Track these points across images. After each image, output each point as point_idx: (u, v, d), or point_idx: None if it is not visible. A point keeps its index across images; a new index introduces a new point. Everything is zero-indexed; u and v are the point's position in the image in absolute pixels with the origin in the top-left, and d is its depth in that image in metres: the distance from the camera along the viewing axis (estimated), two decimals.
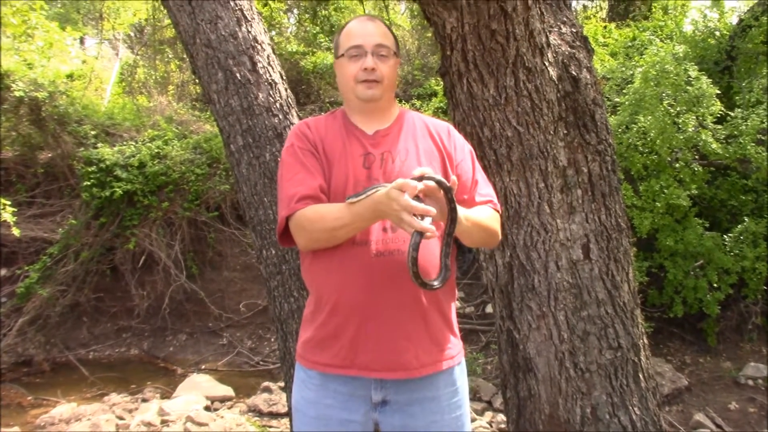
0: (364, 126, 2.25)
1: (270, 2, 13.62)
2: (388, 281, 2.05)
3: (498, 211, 2.25)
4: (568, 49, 3.09)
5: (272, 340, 8.85)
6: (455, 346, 2.23)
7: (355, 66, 2.18)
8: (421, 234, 1.80)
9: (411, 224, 1.77)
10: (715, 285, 6.28)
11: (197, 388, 7.19)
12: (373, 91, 2.18)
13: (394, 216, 1.81)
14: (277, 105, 4.15)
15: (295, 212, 2.07)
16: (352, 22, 2.28)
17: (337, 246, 2.08)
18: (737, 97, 6.74)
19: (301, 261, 2.31)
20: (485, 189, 2.27)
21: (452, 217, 1.91)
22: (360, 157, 2.17)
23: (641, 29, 9.97)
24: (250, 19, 4.21)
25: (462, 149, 2.30)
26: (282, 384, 6.39)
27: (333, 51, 2.34)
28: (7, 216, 7.31)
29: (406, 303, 2.08)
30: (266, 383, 7.30)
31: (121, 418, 6.43)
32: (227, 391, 7.26)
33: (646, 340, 3.34)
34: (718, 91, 6.23)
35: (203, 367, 8.59)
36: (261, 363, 8.61)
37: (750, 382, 6.24)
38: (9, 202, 7.55)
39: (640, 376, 3.18)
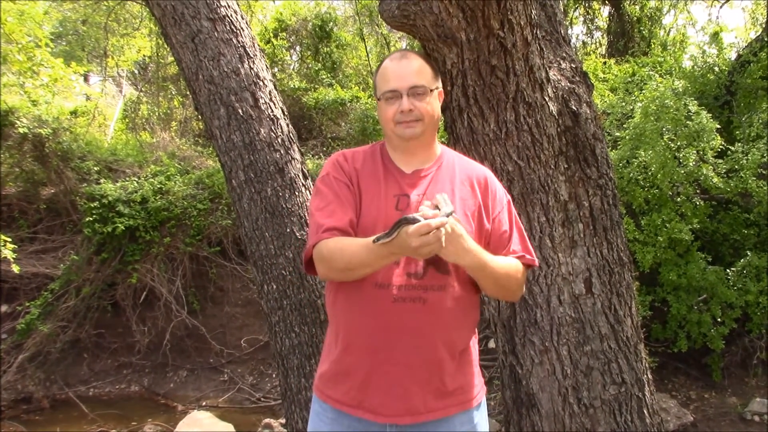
0: (403, 164, 2.21)
1: (273, 40, 13.77)
2: (404, 328, 2.04)
3: (533, 264, 2.24)
4: (568, 84, 3.11)
5: (274, 376, 8.78)
6: (473, 388, 2.20)
7: (392, 108, 2.14)
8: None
9: (431, 246, 1.78)
10: (719, 319, 6.23)
11: (198, 425, 7.12)
12: (413, 130, 2.14)
13: (413, 253, 1.82)
14: (279, 140, 4.18)
15: (320, 241, 2.06)
16: (387, 62, 2.22)
17: (359, 286, 2.05)
18: (737, 132, 6.76)
19: (326, 292, 2.30)
20: (518, 244, 2.23)
21: None
22: (394, 198, 2.13)
23: (640, 65, 10.05)
24: (252, 56, 4.26)
25: (500, 201, 2.25)
26: (283, 421, 6.32)
27: (373, 90, 2.33)
28: (8, 253, 7.30)
29: (420, 349, 2.05)
30: (267, 420, 7.22)
31: None
32: (228, 428, 7.17)
33: (650, 375, 3.31)
34: (718, 126, 6.24)
35: (204, 403, 8.51)
36: (262, 399, 8.53)
37: (756, 418, 6.16)
38: (10, 239, 7.55)
39: (645, 411, 3.15)
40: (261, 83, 4.24)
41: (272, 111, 4.22)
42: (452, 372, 2.12)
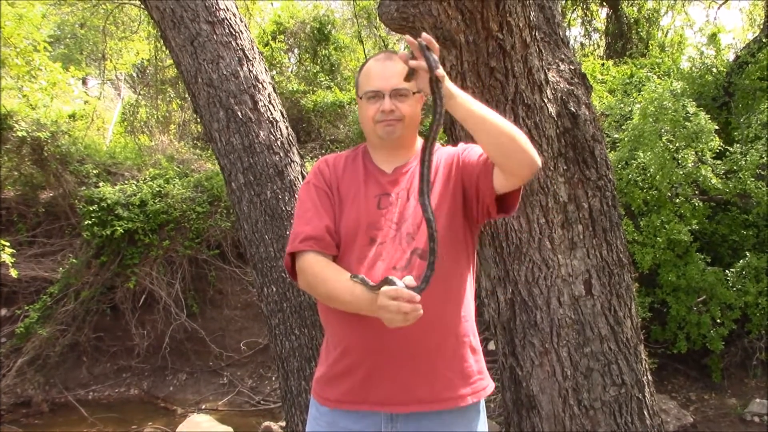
0: (385, 163, 2.24)
1: (271, 42, 13.78)
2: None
3: None
4: (567, 85, 3.11)
5: (273, 378, 8.77)
6: (474, 384, 2.18)
7: (374, 107, 2.15)
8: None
9: (400, 318, 1.80)
10: (718, 320, 6.23)
11: (197, 429, 7.11)
12: (393, 129, 2.15)
13: (385, 320, 1.84)
14: (278, 143, 4.18)
15: (297, 251, 2.10)
16: (371, 62, 2.24)
17: None
18: (735, 133, 6.76)
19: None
20: None
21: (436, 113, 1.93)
22: (374, 198, 2.15)
23: (639, 66, 10.06)
24: (251, 58, 4.26)
25: (464, 145, 2.24)
26: (283, 423, 6.32)
27: (355, 88, 2.34)
28: (6, 257, 7.29)
29: (419, 345, 2.05)
30: (267, 423, 7.22)
31: None
32: (227, 431, 7.17)
33: (650, 377, 3.31)
34: (717, 127, 6.25)
35: (203, 406, 8.51)
36: (262, 402, 8.52)
37: (756, 419, 6.16)
38: (8, 243, 7.54)
39: (645, 413, 3.15)
40: (260, 86, 4.24)
41: (271, 114, 4.23)
42: (454, 365, 2.12)
